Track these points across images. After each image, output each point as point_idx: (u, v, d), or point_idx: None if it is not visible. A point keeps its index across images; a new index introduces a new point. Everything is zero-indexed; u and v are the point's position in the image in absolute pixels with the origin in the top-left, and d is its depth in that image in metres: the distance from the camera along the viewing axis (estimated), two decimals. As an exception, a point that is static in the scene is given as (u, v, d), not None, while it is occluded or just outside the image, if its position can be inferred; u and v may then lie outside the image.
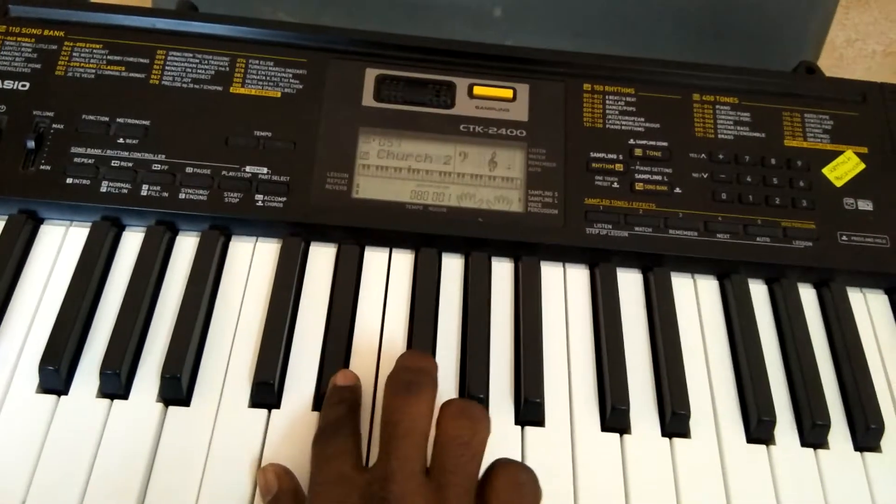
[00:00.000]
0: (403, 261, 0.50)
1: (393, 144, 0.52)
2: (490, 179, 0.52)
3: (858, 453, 0.46)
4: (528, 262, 0.50)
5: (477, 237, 0.50)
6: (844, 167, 0.54)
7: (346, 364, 0.46)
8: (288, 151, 0.51)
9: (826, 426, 0.46)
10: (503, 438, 0.44)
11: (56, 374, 0.43)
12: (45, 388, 0.44)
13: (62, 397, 0.43)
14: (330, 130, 0.51)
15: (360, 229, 0.50)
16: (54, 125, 0.50)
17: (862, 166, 0.54)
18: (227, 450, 0.42)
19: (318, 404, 0.44)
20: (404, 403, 0.39)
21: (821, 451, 0.46)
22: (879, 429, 0.46)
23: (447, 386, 0.46)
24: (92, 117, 0.50)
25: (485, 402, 0.45)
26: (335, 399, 0.43)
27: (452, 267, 0.50)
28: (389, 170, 0.51)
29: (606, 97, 0.55)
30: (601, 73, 0.55)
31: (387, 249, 0.51)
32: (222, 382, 0.45)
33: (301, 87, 0.53)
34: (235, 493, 0.41)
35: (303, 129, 0.51)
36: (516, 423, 0.45)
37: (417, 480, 0.37)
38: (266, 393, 0.44)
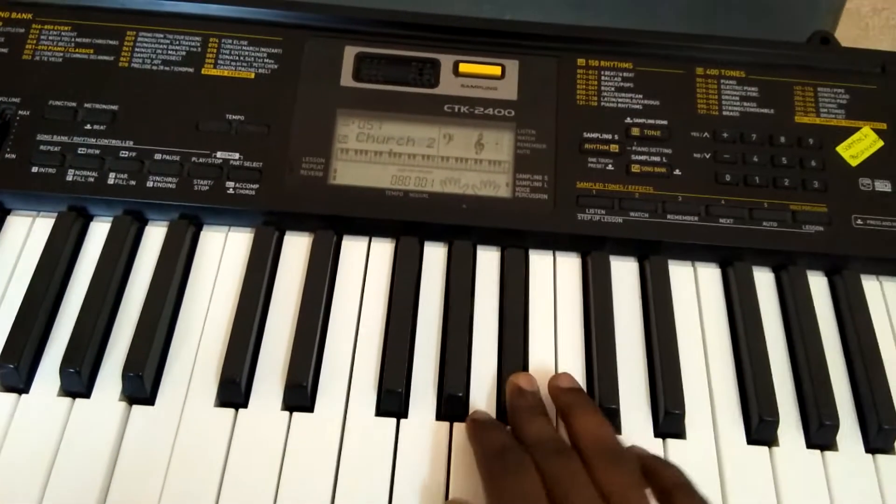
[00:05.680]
0: (383, 250, 0.48)
1: (373, 127, 0.49)
2: (476, 163, 0.49)
3: (870, 455, 0.43)
4: (515, 250, 0.47)
5: (461, 224, 0.47)
6: (860, 145, 0.50)
7: (319, 361, 0.43)
8: (261, 136, 0.48)
9: (834, 427, 0.43)
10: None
11: (16, 371, 0.42)
12: (4, 386, 0.42)
13: (23, 396, 0.42)
14: (306, 113, 0.49)
15: (337, 217, 0.47)
16: (20, 112, 0.48)
17: (880, 144, 0.50)
18: (192, 451, 0.41)
19: (287, 404, 0.42)
20: (583, 414, 0.40)
21: (828, 453, 0.43)
22: (893, 429, 0.43)
23: (426, 386, 0.43)
24: (59, 103, 0.48)
25: (465, 401, 0.42)
26: (526, 399, 0.42)
27: (435, 256, 0.48)
28: (369, 154, 0.48)
29: (602, 73, 0.51)
30: (596, 46, 0.52)
31: (366, 238, 0.48)
32: (188, 380, 0.43)
33: (276, 67, 0.50)
34: (199, 495, 0.39)
35: (277, 112, 0.49)
36: (499, 422, 0.43)
37: None
38: (233, 391, 0.42)
